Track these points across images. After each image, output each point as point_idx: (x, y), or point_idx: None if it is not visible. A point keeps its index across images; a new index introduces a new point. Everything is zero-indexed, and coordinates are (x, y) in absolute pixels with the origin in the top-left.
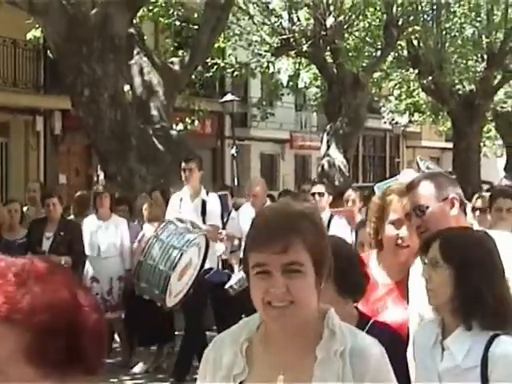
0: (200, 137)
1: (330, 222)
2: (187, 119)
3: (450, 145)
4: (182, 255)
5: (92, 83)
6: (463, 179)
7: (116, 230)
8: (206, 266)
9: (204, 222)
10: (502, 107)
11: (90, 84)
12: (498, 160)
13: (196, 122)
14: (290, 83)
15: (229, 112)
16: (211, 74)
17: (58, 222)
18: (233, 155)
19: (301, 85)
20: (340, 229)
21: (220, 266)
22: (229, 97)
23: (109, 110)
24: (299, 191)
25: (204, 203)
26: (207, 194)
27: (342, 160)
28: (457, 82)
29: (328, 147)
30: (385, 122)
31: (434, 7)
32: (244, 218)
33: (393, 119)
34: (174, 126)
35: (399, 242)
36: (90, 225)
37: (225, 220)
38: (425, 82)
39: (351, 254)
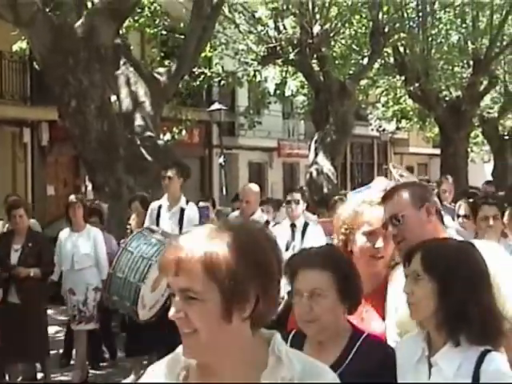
0: (188, 146)
1: (305, 228)
2: (175, 129)
3: (437, 151)
4: (150, 266)
5: (78, 94)
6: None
7: (90, 241)
8: None
9: (181, 231)
10: (489, 113)
11: (76, 95)
12: (486, 165)
13: (183, 132)
14: (277, 91)
15: (216, 121)
16: (198, 83)
17: (25, 233)
18: (221, 164)
19: (288, 93)
20: (315, 236)
21: None
22: (216, 106)
23: (96, 120)
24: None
25: (182, 212)
26: (187, 202)
27: (329, 168)
28: (443, 88)
29: (316, 155)
30: (372, 129)
31: (420, 14)
32: None
33: (380, 126)
34: (162, 136)
35: (374, 253)
36: (63, 237)
37: None
38: (411, 88)
39: (351, 261)
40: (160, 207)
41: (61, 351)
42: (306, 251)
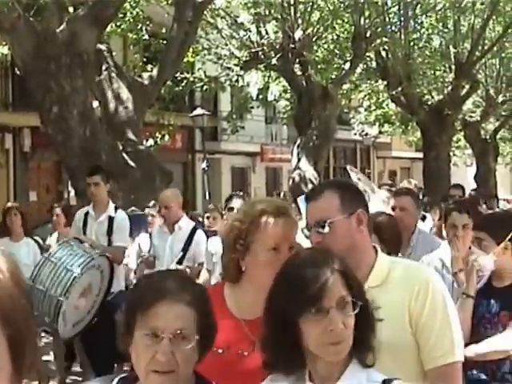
0: (170, 151)
1: None
2: (157, 134)
3: (420, 155)
4: (74, 279)
5: (61, 100)
6: (433, 189)
7: (29, 251)
8: (114, 289)
9: (110, 241)
10: (471, 116)
11: (58, 101)
12: (468, 169)
13: (166, 137)
14: (260, 96)
15: (199, 126)
16: (181, 88)
17: None
18: (204, 169)
19: (270, 98)
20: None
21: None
22: (199, 111)
23: (78, 126)
24: None
25: (111, 220)
26: (116, 210)
27: (312, 172)
28: (425, 92)
29: (298, 160)
30: (355, 134)
31: (402, 19)
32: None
33: (363, 130)
34: (144, 141)
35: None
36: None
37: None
38: (394, 92)
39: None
40: (87, 215)
41: None
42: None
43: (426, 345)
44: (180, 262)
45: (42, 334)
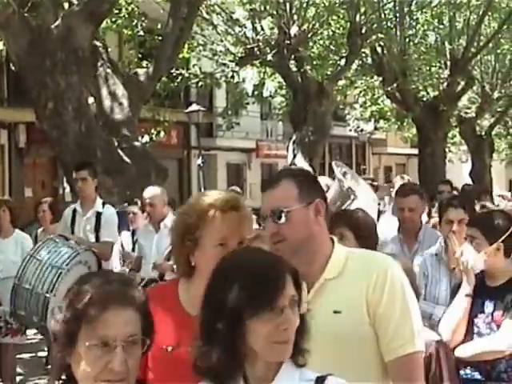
0: (166, 147)
1: None
2: (153, 130)
3: (415, 151)
4: (60, 275)
5: (56, 96)
6: (429, 185)
7: (18, 248)
8: None
9: (98, 237)
10: (466, 113)
11: (53, 97)
12: (464, 165)
13: (162, 133)
14: (255, 92)
15: (194, 122)
16: (176, 84)
17: None
18: (199, 165)
19: (266, 94)
20: None
21: None
22: (194, 107)
23: (73, 122)
24: None
25: (99, 216)
26: (103, 205)
27: (308, 168)
28: (421, 88)
29: (294, 156)
30: (350, 130)
31: (397, 15)
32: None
33: (358, 126)
34: (140, 137)
35: None
36: None
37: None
38: (389, 89)
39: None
40: (75, 212)
41: None
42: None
43: (385, 335)
44: (169, 259)
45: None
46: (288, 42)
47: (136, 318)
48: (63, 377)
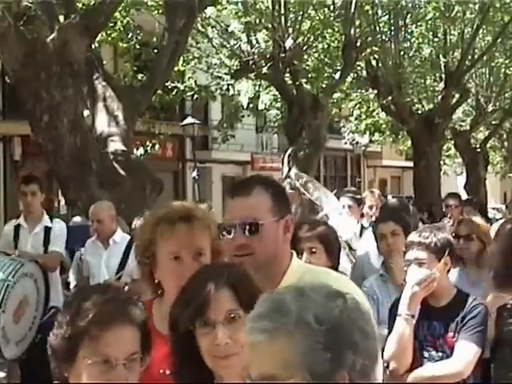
0: (161, 160)
1: None
2: (148, 143)
3: (410, 164)
4: (7, 288)
5: (51, 109)
6: (424, 198)
7: None
8: (53, 303)
9: (46, 252)
10: (461, 125)
11: (49, 110)
12: (459, 178)
13: (157, 146)
14: (250, 105)
15: (189, 135)
16: (171, 97)
17: None
18: (194, 178)
19: (261, 107)
20: None
21: None
22: (189, 120)
23: (68, 135)
24: None
25: (47, 231)
26: (51, 219)
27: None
28: (416, 101)
29: (289, 168)
30: (345, 143)
31: (392, 28)
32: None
33: (353, 139)
34: (135, 150)
35: (184, 283)
36: None
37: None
38: (384, 101)
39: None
40: (18, 227)
41: None
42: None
43: None
44: (118, 278)
45: None
46: (283, 54)
47: (136, 336)
48: None
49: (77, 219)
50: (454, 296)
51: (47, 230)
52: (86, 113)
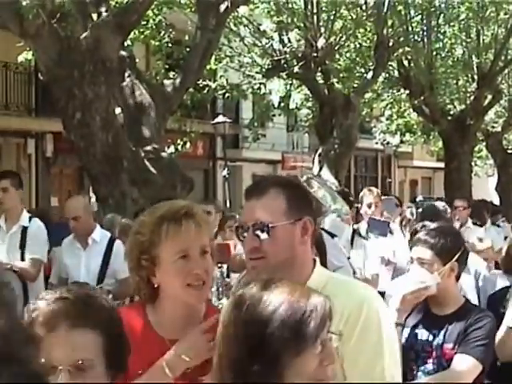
0: (192, 158)
1: None
2: (179, 141)
3: (441, 164)
4: None
5: (83, 106)
6: (455, 199)
7: None
8: None
9: (23, 255)
10: (493, 127)
11: (81, 107)
12: (490, 179)
13: (188, 144)
14: (282, 104)
15: (220, 133)
16: (203, 95)
17: None
18: (224, 176)
19: (292, 106)
20: None
21: None
22: (220, 118)
23: (100, 132)
24: None
25: (24, 231)
26: (30, 219)
27: (333, 181)
28: (448, 102)
29: (320, 168)
30: (376, 143)
31: (425, 28)
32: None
33: (384, 139)
34: (166, 148)
35: (191, 281)
36: None
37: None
38: (416, 102)
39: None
40: None
41: None
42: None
43: (352, 376)
44: (101, 280)
45: None
46: (315, 54)
47: (93, 341)
48: None
49: (109, 217)
50: (460, 306)
51: (24, 229)
52: (118, 110)
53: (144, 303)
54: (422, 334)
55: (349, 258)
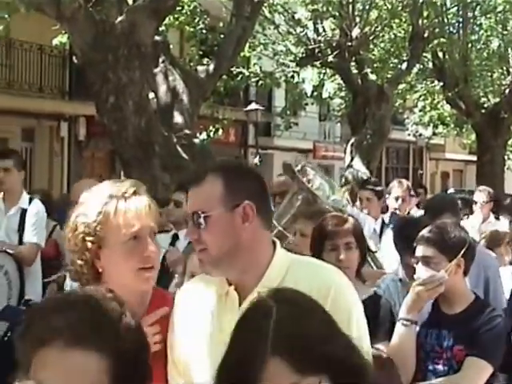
0: (223, 145)
1: None
2: (211, 127)
3: (473, 157)
4: None
5: (117, 90)
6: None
7: None
8: (30, 297)
9: (21, 238)
10: None
11: (115, 91)
12: None
13: (220, 131)
14: (314, 93)
15: (252, 121)
16: (236, 82)
17: None
18: (256, 164)
19: (325, 95)
20: None
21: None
22: (253, 106)
23: (133, 117)
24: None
25: (23, 213)
26: (30, 201)
27: (365, 171)
28: (482, 94)
29: (351, 158)
30: (409, 134)
31: (461, 19)
32: None
33: (417, 131)
34: (198, 135)
35: (144, 264)
36: None
37: None
38: (449, 94)
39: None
40: None
41: None
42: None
43: None
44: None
45: None
46: (349, 43)
47: (96, 364)
48: None
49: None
50: (470, 303)
51: (23, 212)
52: (151, 95)
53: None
54: (432, 333)
55: (375, 252)
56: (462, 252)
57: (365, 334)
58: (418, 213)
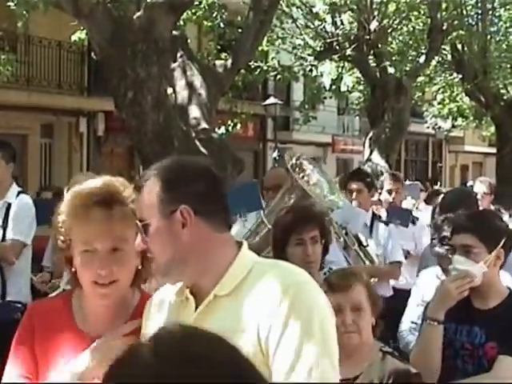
0: (242, 139)
1: None
2: (229, 122)
3: (493, 150)
4: None
5: (135, 85)
6: (507, 185)
7: None
8: (13, 298)
9: (5, 233)
10: None
11: (133, 86)
12: None
13: (238, 125)
14: (333, 87)
15: (271, 115)
16: (254, 76)
17: None
18: (275, 158)
19: (343, 88)
20: None
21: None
22: (271, 100)
23: (152, 112)
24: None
25: (9, 208)
26: (18, 194)
27: (384, 165)
28: (501, 87)
29: (370, 152)
30: (428, 127)
31: (479, 11)
32: None
33: (436, 124)
34: (217, 129)
35: (96, 279)
36: None
37: None
38: (469, 86)
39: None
40: None
41: None
42: None
43: (279, 369)
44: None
45: None
46: (367, 37)
47: None
48: None
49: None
50: (504, 298)
51: (8, 206)
52: (170, 90)
53: (70, 293)
54: (462, 329)
55: (366, 246)
56: (502, 243)
57: (332, 338)
58: (426, 208)
